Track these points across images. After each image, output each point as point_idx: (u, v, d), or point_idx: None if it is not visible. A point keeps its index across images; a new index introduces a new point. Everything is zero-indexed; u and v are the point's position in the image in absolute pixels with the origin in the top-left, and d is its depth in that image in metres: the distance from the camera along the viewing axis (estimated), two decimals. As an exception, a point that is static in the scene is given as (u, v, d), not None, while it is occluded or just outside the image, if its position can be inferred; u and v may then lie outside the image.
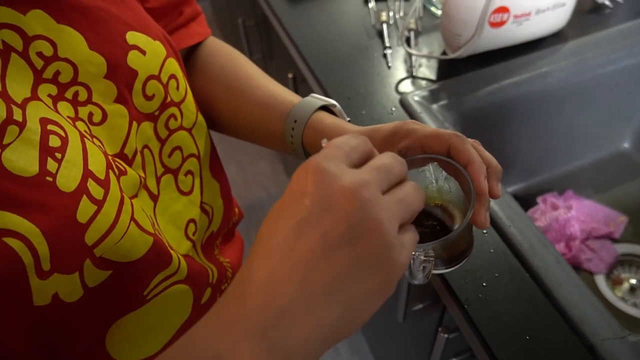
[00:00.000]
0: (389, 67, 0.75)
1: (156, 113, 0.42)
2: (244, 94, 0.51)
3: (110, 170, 0.35)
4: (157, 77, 0.42)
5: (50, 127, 0.32)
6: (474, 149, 0.36)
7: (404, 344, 0.90)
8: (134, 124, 0.40)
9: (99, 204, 0.33)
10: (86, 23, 0.37)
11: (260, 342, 0.24)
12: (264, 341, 0.24)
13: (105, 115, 0.37)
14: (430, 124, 0.65)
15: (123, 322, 0.39)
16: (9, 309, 0.30)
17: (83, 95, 0.36)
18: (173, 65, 0.44)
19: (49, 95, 0.34)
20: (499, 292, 0.50)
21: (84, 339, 0.37)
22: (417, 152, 0.38)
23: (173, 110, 0.44)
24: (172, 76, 0.43)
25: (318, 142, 0.45)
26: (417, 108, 0.68)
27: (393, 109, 0.69)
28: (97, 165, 0.34)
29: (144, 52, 0.40)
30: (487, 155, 0.38)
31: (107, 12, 0.38)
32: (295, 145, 0.47)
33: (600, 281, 0.72)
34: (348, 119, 0.48)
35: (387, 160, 0.28)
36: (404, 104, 0.69)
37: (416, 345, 0.81)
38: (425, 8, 0.85)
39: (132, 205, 0.37)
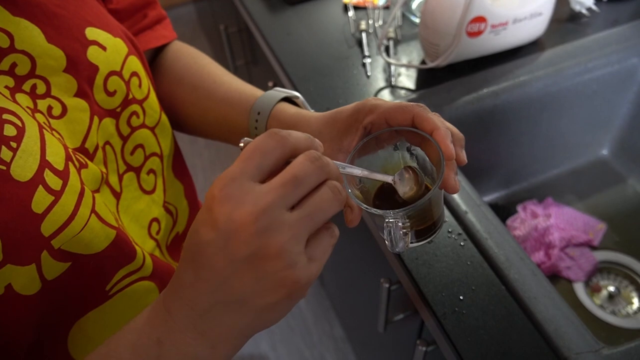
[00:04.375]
0: (367, 77, 0.75)
1: (118, 109, 0.42)
2: (208, 92, 0.51)
3: (69, 162, 0.35)
4: (119, 74, 0.41)
5: (5, 116, 0.32)
6: (437, 117, 0.37)
7: (387, 353, 0.90)
8: (95, 118, 0.39)
9: (56, 194, 0.32)
10: (43, 17, 0.37)
11: (192, 330, 0.29)
12: (195, 330, 0.29)
13: (65, 109, 0.37)
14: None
15: (86, 321, 0.39)
16: None
17: (41, 89, 0.36)
18: (135, 63, 0.44)
19: (6, 87, 0.34)
20: (475, 305, 0.50)
21: (45, 338, 0.36)
22: (382, 127, 0.38)
23: (135, 107, 0.44)
24: (134, 74, 0.43)
25: None
26: (396, 118, 0.67)
27: (372, 119, 0.69)
28: (55, 156, 0.33)
29: (104, 48, 0.40)
30: (449, 124, 0.38)
31: (64, 8, 0.38)
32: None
33: (579, 289, 0.72)
34: (312, 110, 0.48)
35: (302, 170, 0.28)
36: (382, 114, 0.69)
37: (398, 356, 0.81)
38: (404, 17, 0.85)
39: (93, 197, 0.36)
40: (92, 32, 0.40)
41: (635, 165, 0.84)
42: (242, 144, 0.31)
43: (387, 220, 0.35)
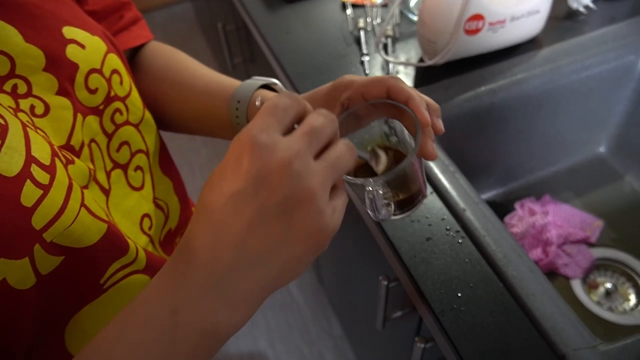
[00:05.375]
0: (366, 74, 0.75)
1: (101, 107, 0.42)
2: (187, 86, 0.52)
3: (55, 158, 0.35)
4: (99, 71, 0.42)
5: None
6: (411, 88, 0.38)
7: (386, 351, 0.90)
8: (79, 116, 0.40)
9: (45, 188, 0.32)
10: (19, 17, 0.37)
11: (212, 294, 0.27)
12: (214, 293, 0.27)
13: (47, 108, 0.37)
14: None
15: (82, 316, 0.39)
16: None
17: (22, 88, 0.36)
18: (115, 61, 0.44)
19: None
20: (473, 302, 0.50)
21: (43, 334, 0.36)
22: (358, 102, 0.39)
23: (118, 104, 0.44)
24: (115, 71, 0.44)
25: None
26: (394, 116, 0.68)
27: (370, 117, 0.69)
28: (41, 152, 0.34)
29: (83, 46, 0.40)
30: (424, 95, 0.39)
31: (40, 8, 0.39)
32: (242, 126, 0.48)
33: (577, 286, 0.72)
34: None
35: (318, 122, 0.29)
36: (380, 112, 0.69)
37: (396, 352, 0.81)
38: (402, 14, 0.85)
39: (82, 192, 0.36)
40: (69, 31, 0.40)
41: (632, 162, 0.85)
42: (258, 103, 0.31)
43: (367, 188, 0.36)
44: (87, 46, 0.41)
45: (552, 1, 0.73)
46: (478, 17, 0.68)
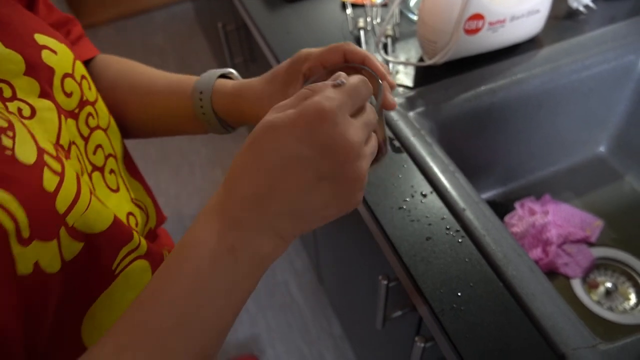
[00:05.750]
0: (366, 74, 0.75)
1: (76, 111, 0.44)
2: (147, 87, 0.53)
3: (58, 151, 0.37)
4: (72, 76, 0.43)
5: None
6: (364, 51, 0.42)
7: (386, 350, 0.90)
8: (62, 118, 0.41)
9: (60, 175, 0.34)
10: None
11: (263, 236, 0.31)
12: (265, 234, 0.31)
13: (33, 110, 0.38)
14: (406, 131, 0.66)
15: (96, 307, 0.40)
16: None
17: (7, 92, 0.37)
18: (81, 67, 0.46)
19: None
20: (473, 302, 0.50)
21: (62, 324, 0.37)
22: (319, 71, 0.43)
23: (90, 109, 0.46)
24: (83, 77, 0.45)
25: (229, 106, 0.49)
26: (394, 116, 0.68)
27: (370, 116, 0.69)
28: (46, 144, 0.36)
29: (55, 52, 0.42)
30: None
31: (10, 17, 0.40)
32: (208, 115, 0.50)
33: (577, 285, 0.72)
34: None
35: (374, 117, 0.34)
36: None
37: (396, 352, 0.81)
38: (402, 14, 0.85)
39: (88, 181, 0.39)
40: (40, 38, 0.41)
41: (632, 162, 0.85)
42: (339, 82, 0.34)
43: None
44: (58, 52, 0.42)
45: (552, 1, 0.73)
46: (478, 16, 0.68)
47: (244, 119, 0.50)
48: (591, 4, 0.81)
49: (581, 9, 0.81)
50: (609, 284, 0.72)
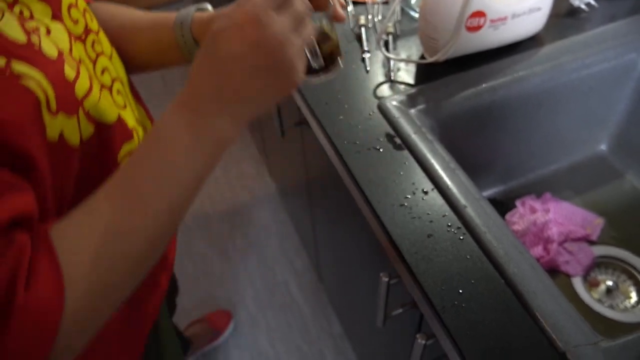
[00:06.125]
0: (367, 71, 0.75)
1: (82, 37, 0.48)
2: (137, 25, 0.59)
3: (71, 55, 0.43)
4: (76, 6, 0.48)
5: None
6: None
7: (386, 348, 0.90)
8: (72, 39, 0.45)
9: (77, 71, 0.42)
10: None
11: (220, 118, 0.39)
12: (221, 118, 0.39)
13: (48, 30, 0.42)
14: (407, 128, 0.65)
15: None
16: (34, 138, 0.37)
17: (27, 13, 0.40)
18: (83, 2, 0.50)
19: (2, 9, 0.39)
20: (474, 299, 0.50)
21: (76, 201, 0.41)
22: None
23: (94, 36, 0.50)
24: (85, 10, 0.50)
25: (206, 32, 0.55)
26: (395, 113, 0.67)
27: (371, 113, 0.69)
28: (64, 45, 0.42)
29: None
30: None
31: None
32: (188, 43, 0.56)
33: (578, 283, 0.72)
34: None
35: (300, 6, 0.39)
36: (381, 108, 0.69)
37: (397, 350, 0.81)
38: (403, 11, 0.85)
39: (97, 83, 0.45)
40: None
41: (632, 160, 0.84)
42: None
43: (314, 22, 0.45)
44: None
45: (553, -2, 0.73)
46: (479, 14, 0.68)
47: None
48: (593, 2, 0.81)
49: (583, 6, 0.81)
50: (609, 282, 0.71)
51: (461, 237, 0.55)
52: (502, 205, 0.81)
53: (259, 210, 1.75)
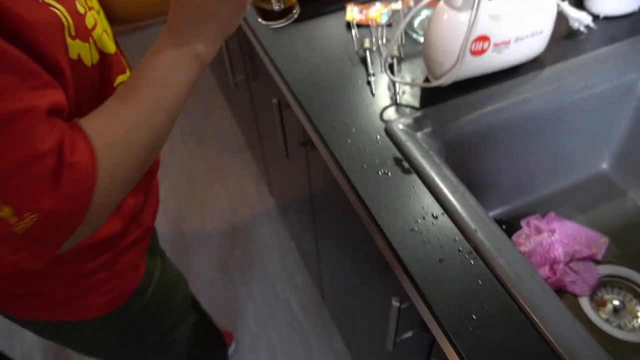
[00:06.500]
0: (373, 95, 0.76)
1: None
2: None
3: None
4: None
5: None
6: None
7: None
8: None
9: (85, 10, 0.52)
10: None
11: (195, 38, 0.50)
12: (196, 37, 0.50)
13: None
14: (415, 152, 0.66)
15: None
16: (61, 52, 0.46)
17: None
18: None
19: None
20: (488, 323, 0.50)
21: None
22: None
23: None
24: None
25: None
26: (402, 136, 0.68)
27: (378, 137, 0.70)
28: None
29: None
30: None
31: None
32: None
33: (585, 303, 0.73)
34: None
35: None
36: (389, 132, 0.70)
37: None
38: (406, 34, 0.86)
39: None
40: None
41: (634, 179, 0.85)
42: None
43: None
44: None
45: (554, 21, 0.75)
46: (483, 38, 0.69)
47: None
48: (591, 24, 0.82)
49: (582, 29, 0.83)
50: (616, 302, 0.72)
51: (472, 262, 0.55)
52: (508, 226, 0.82)
53: (259, 227, 1.75)
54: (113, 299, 0.68)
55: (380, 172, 0.65)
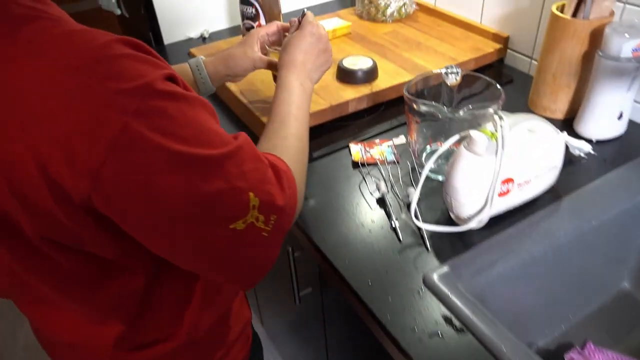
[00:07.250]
0: (400, 241, 0.73)
1: None
2: None
3: None
4: None
5: None
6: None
7: None
8: None
9: None
10: None
11: (308, 77, 0.76)
12: (309, 77, 0.76)
13: None
14: (457, 301, 0.62)
15: None
16: None
17: None
18: None
19: None
20: None
21: None
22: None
23: None
24: None
25: (217, 64, 0.85)
26: (445, 289, 0.64)
27: (419, 290, 0.66)
28: None
29: None
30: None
31: None
32: (205, 80, 0.84)
33: None
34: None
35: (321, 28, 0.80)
36: (427, 284, 0.66)
37: None
38: (414, 171, 0.86)
39: None
40: None
41: (658, 296, 0.85)
42: (306, 10, 0.80)
43: None
44: None
45: (564, 154, 0.77)
46: (509, 180, 0.69)
47: (230, 70, 0.85)
48: (591, 151, 0.85)
49: (582, 155, 0.86)
50: None
51: None
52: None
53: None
54: None
55: (433, 335, 0.60)
